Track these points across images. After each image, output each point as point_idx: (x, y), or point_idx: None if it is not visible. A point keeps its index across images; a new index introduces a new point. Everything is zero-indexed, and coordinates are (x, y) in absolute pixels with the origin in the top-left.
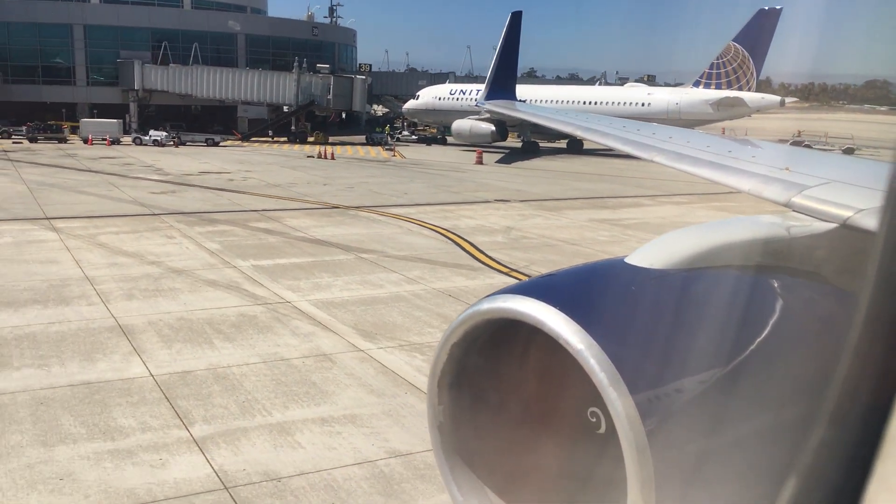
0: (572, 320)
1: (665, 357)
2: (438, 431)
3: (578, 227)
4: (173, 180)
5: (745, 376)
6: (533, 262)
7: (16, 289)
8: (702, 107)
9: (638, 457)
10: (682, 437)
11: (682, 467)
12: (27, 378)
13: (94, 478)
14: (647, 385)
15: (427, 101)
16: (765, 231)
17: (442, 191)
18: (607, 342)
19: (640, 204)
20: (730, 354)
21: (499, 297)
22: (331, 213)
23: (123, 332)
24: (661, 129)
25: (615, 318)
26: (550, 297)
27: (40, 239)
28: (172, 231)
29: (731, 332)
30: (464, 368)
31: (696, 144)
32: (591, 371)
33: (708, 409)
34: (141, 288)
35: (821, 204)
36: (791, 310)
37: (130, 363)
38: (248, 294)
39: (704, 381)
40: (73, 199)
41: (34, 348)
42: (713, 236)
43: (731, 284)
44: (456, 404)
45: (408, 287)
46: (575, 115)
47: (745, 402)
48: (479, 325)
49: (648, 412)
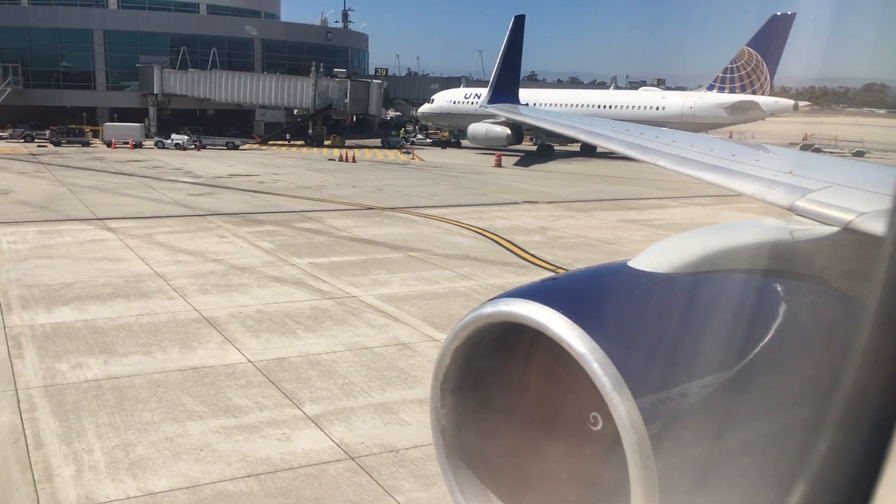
0: (576, 324)
1: (668, 361)
2: (441, 435)
3: (610, 227)
4: (206, 182)
5: (747, 380)
6: (576, 259)
7: (94, 284)
8: (716, 110)
9: (641, 461)
10: (686, 442)
11: (685, 472)
12: (137, 364)
13: (230, 449)
14: (650, 389)
15: (442, 105)
16: (768, 235)
17: (468, 193)
18: (611, 346)
19: (665, 206)
20: (733, 358)
21: (502, 301)
22: (368, 214)
23: (210, 324)
24: (665, 132)
25: (618, 322)
26: (553, 300)
27: (100, 238)
28: (222, 231)
29: (734, 336)
30: (467, 372)
31: (699, 148)
32: (594, 375)
33: (711, 414)
34: (212, 283)
35: (824, 207)
36: (795, 314)
37: (226, 351)
38: (314, 289)
39: (707, 385)
40: (117, 201)
41: (132, 338)
42: (716, 240)
43: (734, 288)
44: (459, 408)
45: (462, 283)
46: (578, 119)
47: (748, 407)
48: (483, 329)
49: (651, 416)
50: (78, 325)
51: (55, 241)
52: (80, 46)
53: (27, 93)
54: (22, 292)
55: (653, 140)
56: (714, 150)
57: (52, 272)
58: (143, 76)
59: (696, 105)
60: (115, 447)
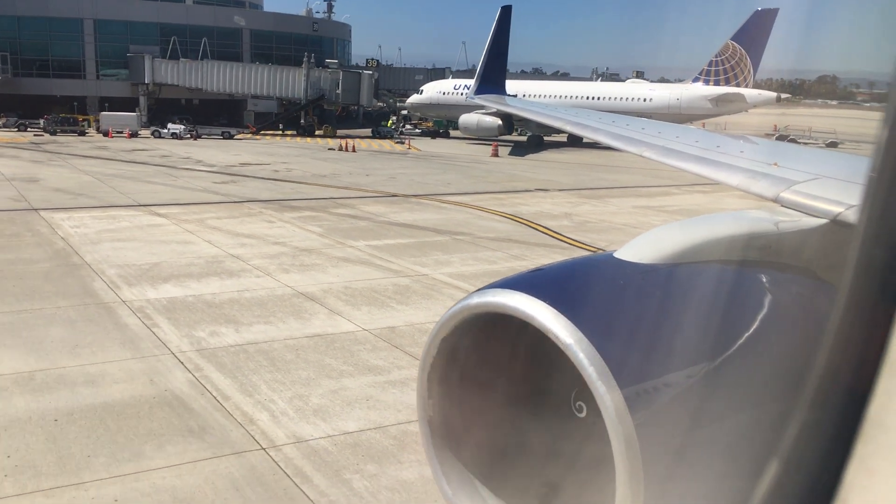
0: (561, 314)
1: (653, 351)
2: (428, 425)
3: (628, 213)
4: (222, 171)
5: (733, 370)
6: (612, 241)
7: (179, 264)
8: (701, 102)
9: (626, 450)
10: (671, 431)
11: (670, 460)
12: (265, 332)
13: (392, 399)
14: (635, 379)
15: (431, 96)
16: (753, 226)
17: (479, 181)
18: (596, 336)
19: (670, 193)
20: (718, 348)
21: (488, 292)
22: (395, 201)
23: (308, 298)
24: (651, 124)
25: (604, 313)
26: (539, 291)
27: (156, 223)
28: (266, 216)
29: (719, 327)
30: (453, 363)
31: (685, 140)
32: (579, 365)
33: (696, 403)
34: (287, 264)
35: (809, 199)
36: (779, 304)
37: (337, 321)
38: (386, 268)
39: (693, 375)
40: (148, 189)
41: (246, 310)
42: (702, 231)
43: (719, 279)
44: (445, 398)
45: (518, 262)
46: (564, 111)
47: (733, 396)
48: (469, 320)
49: (637, 406)
50: (189, 299)
51: (116, 226)
52: (69, 35)
53: (16, 81)
54: (118, 271)
55: (638, 131)
56: (699, 142)
57: (133, 254)
58: (133, 66)
59: (682, 97)
60: (292, 398)
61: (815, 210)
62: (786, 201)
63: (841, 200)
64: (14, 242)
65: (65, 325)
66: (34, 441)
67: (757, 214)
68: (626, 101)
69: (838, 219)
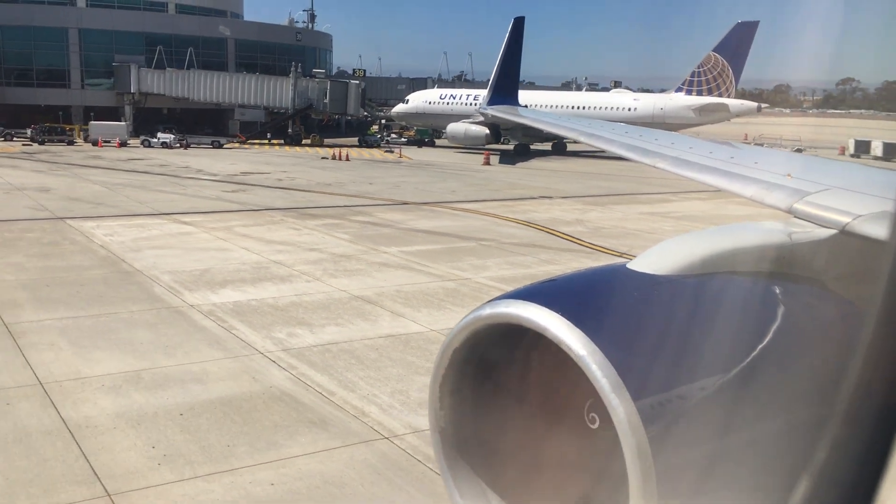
0: (574, 326)
1: (667, 363)
2: (440, 436)
3: (637, 219)
4: (227, 180)
5: (745, 383)
6: (632, 247)
7: (227, 270)
8: (685, 112)
9: (640, 462)
10: (685, 444)
11: (684, 473)
12: (340, 333)
13: None
14: (649, 391)
15: (418, 105)
16: (767, 237)
17: (481, 189)
18: (610, 348)
19: (669, 200)
20: (731, 361)
21: (500, 303)
22: (409, 209)
23: (367, 301)
24: (664, 135)
25: (618, 324)
26: (553, 302)
27: (185, 231)
28: (290, 223)
29: (732, 339)
30: (465, 373)
31: (698, 151)
32: (593, 377)
33: (710, 416)
34: (332, 269)
35: (822, 210)
36: (793, 316)
37: (402, 322)
38: (427, 273)
39: (706, 388)
40: (163, 198)
41: (312, 313)
42: (715, 242)
43: (733, 290)
44: (458, 409)
45: (551, 267)
46: (577, 122)
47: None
48: (481, 331)
49: (650, 418)
50: (253, 303)
51: (149, 234)
52: (54, 45)
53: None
54: (172, 277)
55: (652, 142)
56: (713, 153)
57: (176, 260)
58: (119, 75)
59: (666, 107)
60: (392, 392)
61: (829, 221)
62: (800, 212)
63: (854, 211)
64: (57, 250)
65: (147, 328)
66: (171, 433)
67: (770, 226)
68: (612, 110)
69: (850, 229)
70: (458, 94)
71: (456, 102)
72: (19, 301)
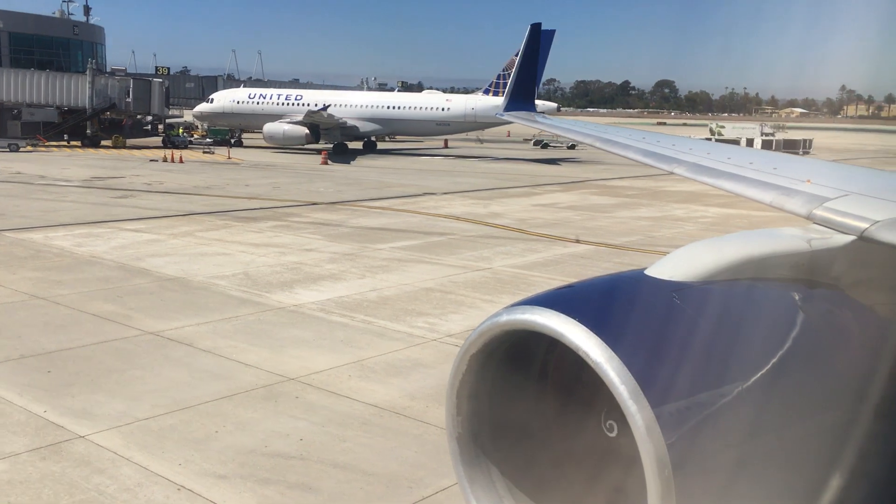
0: (592, 333)
1: (685, 370)
2: (457, 442)
3: (539, 210)
4: (91, 186)
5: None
6: (576, 234)
7: (269, 272)
8: (494, 111)
9: (658, 470)
10: (704, 452)
11: (703, 481)
12: (464, 322)
13: None
14: (668, 398)
15: (224, 105)
16: (786, 244)
17: (358, 188)
18: (628, 355)
19: (549, 191)
20: (750, 367)
21: (517, 309)
22: (333, 209)
23: (429, 291)
24: (681, 140)
25: (636, 331)
26: (570, 309)
27: (152, 239)
28: (243, 227)
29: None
30: (483, 380)
31: (715, 156)
32: (611, 384)
33: (729, 424)
34: (357, 267)
35: (841, 216)
36: (813, 324)
37: (480, 310)
38: (449, 265)
39: (724, 395)
40: (64, 206)
41: (411, 303)
42: (734, 249)
43: (752, 298)
44: (475, 415)
45: (550, 254)
46: (594, 127)
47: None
48: (498, 337)
49: (669, 426)
50: (345, 300)
51: (122, 243)
52: None
53: None
54: (227, 282)
55: (669, 148)
56: (731, 158)
57: (197, 266)
58: None
59: (476, 106)
60: None
61: (849, 227)
62: (819, 218)
63: (874, 217)
64: (55, 263)
65: (287, 328)
66: None
67: (790, 232)
68: (426, 109)
69: (870, 235)
70: (269, 94)
71: (267, 102)
72: (133, 315)
